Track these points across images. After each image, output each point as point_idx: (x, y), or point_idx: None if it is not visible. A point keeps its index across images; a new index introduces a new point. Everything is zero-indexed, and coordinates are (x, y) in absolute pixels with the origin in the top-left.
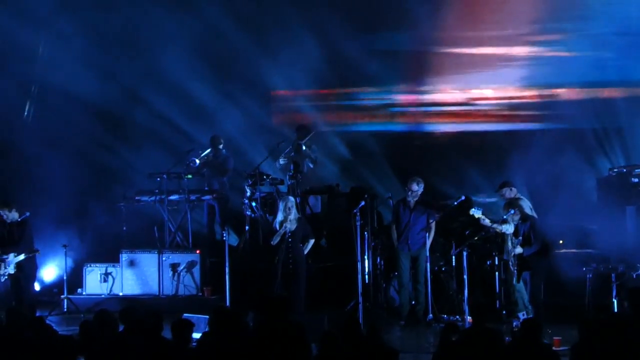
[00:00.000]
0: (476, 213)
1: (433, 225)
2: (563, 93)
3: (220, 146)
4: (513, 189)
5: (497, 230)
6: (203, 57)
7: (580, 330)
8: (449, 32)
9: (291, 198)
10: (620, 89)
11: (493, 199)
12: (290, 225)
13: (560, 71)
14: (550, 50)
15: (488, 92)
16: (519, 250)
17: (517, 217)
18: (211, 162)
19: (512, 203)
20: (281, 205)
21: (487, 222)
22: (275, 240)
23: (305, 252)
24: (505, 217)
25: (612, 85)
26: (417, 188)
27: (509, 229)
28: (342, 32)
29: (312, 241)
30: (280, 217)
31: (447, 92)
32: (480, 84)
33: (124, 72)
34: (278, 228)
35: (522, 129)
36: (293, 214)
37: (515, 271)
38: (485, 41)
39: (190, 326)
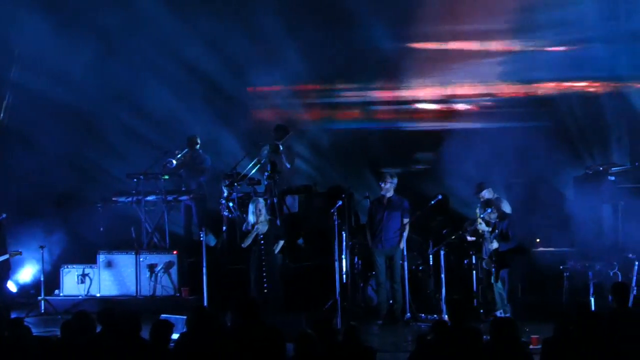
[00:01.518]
0: (479, 212)
1: (408, 223)
2: (540, 89)
3: (197, 146)
4: (491, 189)
5: (479, 229)
6: (179, 55)
7: (555, 326)
8: (426, 27)
9: (261, 200)
10: (600, 84)
11: None
12: (262, 227)
13: (539, 67)
14: (529, 45)
15: (465, 89)
16: (495, 245)
17: (494, 216)
18: (188, 162)
19: (490, 202)
20: (251, 208)
21: (483, 226)
22: (247, 243)
23: (276, 252)
24: (482, 215)
25: (591, 80)
26: (391, 181)
27: (484, 228)
28: (318, 28)
29: (282, 242)
30: (251, 219)
31: (424, 89)
32: (458, 80)
33: (102, 72)
34: (249, 230)
35: (499, 125)
36: (263, 216)
37: (494, 269)
38: (462, 37)
39: (169, 327)
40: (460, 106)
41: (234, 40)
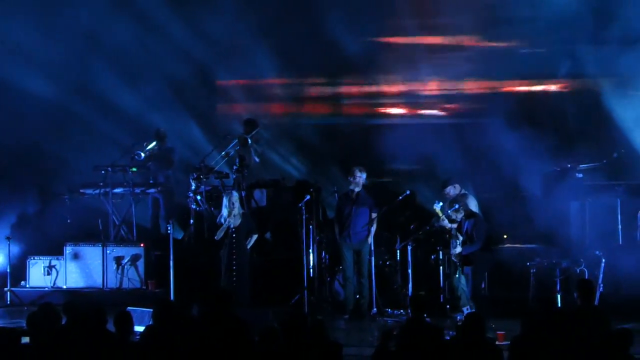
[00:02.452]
0: (437, 207)
1: (376, 218)
2: (508, 85)
3: (165, 139)
4: (457, 186)
5: (444, 225)
6: (146, 49)
7: (522, 323)
8: (395, 21)
9: (235, 193)
10: (568, 82)
11: None
12: (234, 221)
13: (507, 63)
14: (499, 41)
15: (433, 85)
16: (458, 249)
17: (460, 215)
18: (156, 155)
19: (456, 199)
20: (225, 200)
21: (446, 223)
22: (219, 235)
23: (249, 246)
24: (449, 211)
25: (558, 78)
26: (359, 175)
27: (447, 224)
28: (287, 22)
29: (255, 236)
30: (224, 212)
31: (393, 84)
32: (426, 75)
33: (69, 64)
34: (223, 223)
35: (468, 122)
36: (237, 209)
37: (458, 266)
38: (431, 31)
39: (129, 318)
40: (427, 101)
41: (203, 34)
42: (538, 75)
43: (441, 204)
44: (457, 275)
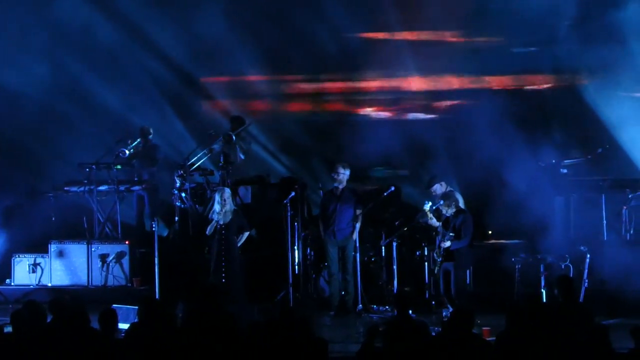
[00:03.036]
0: (426, 207)
1: (360, 214)
2: (491, 82)
3: (150, 136)
4: (442, 183)
5: (431, 224)
6: (132, 45)
7: (507, 319)
8: (377, 17)
9: (227, 189)
10: (553, 78)
11: None
12: (225, 217)
13: (489, 60)
14: (481, 38)
15: (415, 81)
16: (447, 244)
17: (451, 210)
18: (140, 152)
19: (448, 196)
20: (217, 197)
21: (434, 222)
22: (209, 231)
23: (240, 243)
24: (437, 205)
25: (543, 74)
26: (343, 172)
27: (435, 223)
28: (269, 18)
29: (247, 233)
30: (216, 208)
31: (375, 80)
32: (408, 72)
33: (53, 61)
34: (214, 218)
35: (452, 118)
36: (229, 206)
37: (439, 261)
38: (414, 28)
39: (114, 315)
40: (410, 97)
41: (186, 30)
42: (521, 70)
43: (430, 203)
44: (436, 271)
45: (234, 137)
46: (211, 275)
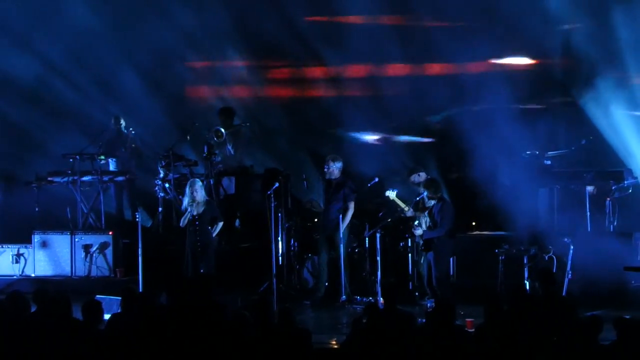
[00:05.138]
0: (391, 195)
1: (351, 206)
2: (472, 67)
3: (122, 124)
4: (421, 173)
5: (409, 215)
6: (113, 32)
7: (485, 311)
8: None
9: (197, 180)
10: (536, 62)
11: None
12: (198, 208)
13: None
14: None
15: (395, 67)
16: (419, 232)
17: (432, 202)
18: (115, 140)
19: (431, 182)
20: (187, 188)
21: (410, 212)
22: (183, 223)
23: (214, 234)
24: (417, 199)
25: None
26: (332, 165)
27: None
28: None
29: (220, 224)
30: (186, 200)
31: (357, 65)
32: (389, 57)
33: (36, 49)
34: (187, 210)
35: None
36: (200, 197)
37: (421, 251)
38: (392, 12)
39: (99, 307)
40: (390, 84)
41: (168, 13)
42: (505, 55)
43: (396, 190)
44: (421, 261)
45: (224, 135)
46: (187, 266)
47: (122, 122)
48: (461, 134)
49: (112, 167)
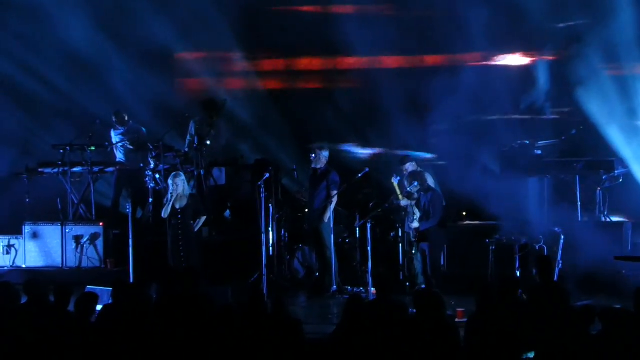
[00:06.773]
0: (395, 181)
1: (335, 195)
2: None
3: (125, 118)
4: (414, 162)
5: (402, 205)
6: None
7: (477, 300)
8: None
9: (181, 173)
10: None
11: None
12: (180, 202)
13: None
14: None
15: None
16: (415, 224)
17: (418, 190)
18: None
19: (415, 175)
20: (169, 181)
21: (404, 202)
22: (165, 214)
23: (196, 229)
24: (409, 189)
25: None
26: (320, 154)
27: (406, 203)
28: None
29: (203, 218)
30: (169, 192)
31: (349, 57)
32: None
33: (26, 38)
34: (170, 200)
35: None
36: (182, 189)
37: (414, 243)
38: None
39: (94, 299)
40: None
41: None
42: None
43: (399, 178)
44: (414, 252)
45: (211, 126)
46: (169, 259)
47: (125, 116)
48: None
49: (119, 158)
